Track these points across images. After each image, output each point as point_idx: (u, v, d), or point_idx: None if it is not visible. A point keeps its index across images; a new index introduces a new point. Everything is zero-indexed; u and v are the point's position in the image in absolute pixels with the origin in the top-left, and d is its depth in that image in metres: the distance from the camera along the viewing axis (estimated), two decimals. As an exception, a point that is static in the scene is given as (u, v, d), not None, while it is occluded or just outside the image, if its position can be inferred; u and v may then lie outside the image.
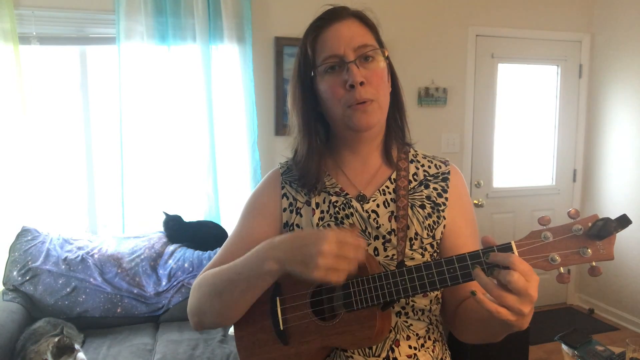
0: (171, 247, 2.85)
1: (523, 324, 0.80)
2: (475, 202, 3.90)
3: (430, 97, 3.67)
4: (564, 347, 2.33)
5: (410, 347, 0.99)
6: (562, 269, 0.81)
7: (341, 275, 0.83)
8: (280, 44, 3.24)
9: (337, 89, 0.97)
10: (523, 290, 0.75)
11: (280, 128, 3.32)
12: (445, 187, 1.06)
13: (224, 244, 1.11)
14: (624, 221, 0.75)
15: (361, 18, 1.02)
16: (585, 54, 4.05)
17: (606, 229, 0.76)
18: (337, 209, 1.03)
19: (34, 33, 2.88)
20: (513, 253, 0.80)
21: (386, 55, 1.02)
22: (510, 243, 0.81)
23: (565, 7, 3.95)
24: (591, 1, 4.00)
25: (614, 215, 0.77)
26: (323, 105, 1.02)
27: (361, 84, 0.95)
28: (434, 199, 1.04)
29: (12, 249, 2.65)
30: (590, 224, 0.78)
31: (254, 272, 0.92)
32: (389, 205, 1.03)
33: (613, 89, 3.90)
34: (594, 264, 0.79)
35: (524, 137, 4.09)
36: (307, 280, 0.86)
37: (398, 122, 1.08)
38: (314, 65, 1.00)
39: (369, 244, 1.00)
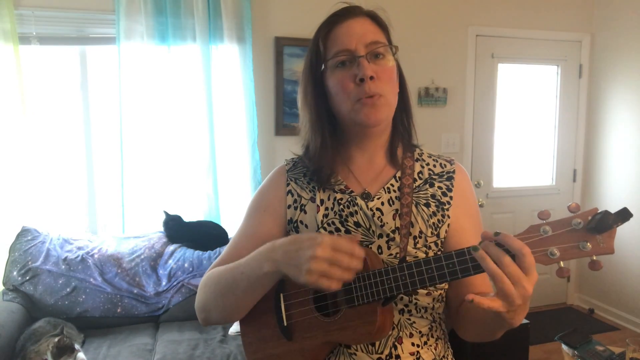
0: (171, 247, 2.85)
1: (515, 321, 0.82)
2: (475, 202, 3.90)
3: (430, 97, 3.67)
4: (564, 347, 2.32)
5: (413, 344, 0.99)
6: (561, 263, 0.81)
7: (333, 282, 0.83)
8: (280, 44, 3.23)
9: (347, 84, 0.98)
10: (517, 277, 0.77)
11: (280, 128, 3.32)
12: (450, 186, 1.06)
13: (230, 241, 1.12)
14: (624, 214, 0.75)
15: (373, 17, 1.03)
16: (585, 54, 4.05)
17: (605, 221, 0.76)
18: (341, 206, 1.03)
19: (34, 33, 2.88)
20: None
21: (395, 54, 1.03)
22: None
23: (565, 7, 3.95)
24: (591, 1, 4.00)
25: (614, 214, 0.77)
26: (332, 101, 1.03)
27: (371, 78, 0.96)
28: (439, 197, 1.04)
29: (12, 249, 2.65)
30: (589, 218, 0.78)
31: (254, 272, 0.94)
32: (393, 203, 1.03)
33: (613, 89, 3.90)
34: (594, 257, 0.79)
35: (524, 137, 4.09)
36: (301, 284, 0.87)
37: (405, 124, 1.09)
38: (324, 60, 1.01)
39: (372, 242, 1.01)
